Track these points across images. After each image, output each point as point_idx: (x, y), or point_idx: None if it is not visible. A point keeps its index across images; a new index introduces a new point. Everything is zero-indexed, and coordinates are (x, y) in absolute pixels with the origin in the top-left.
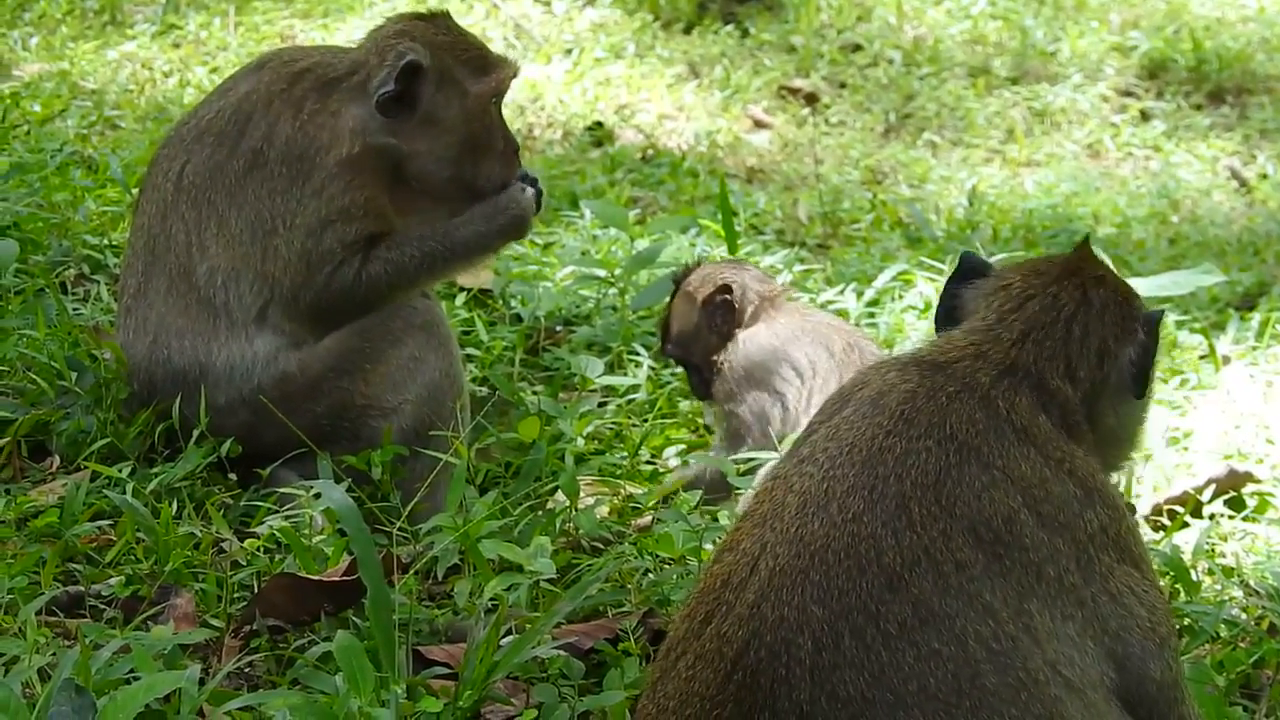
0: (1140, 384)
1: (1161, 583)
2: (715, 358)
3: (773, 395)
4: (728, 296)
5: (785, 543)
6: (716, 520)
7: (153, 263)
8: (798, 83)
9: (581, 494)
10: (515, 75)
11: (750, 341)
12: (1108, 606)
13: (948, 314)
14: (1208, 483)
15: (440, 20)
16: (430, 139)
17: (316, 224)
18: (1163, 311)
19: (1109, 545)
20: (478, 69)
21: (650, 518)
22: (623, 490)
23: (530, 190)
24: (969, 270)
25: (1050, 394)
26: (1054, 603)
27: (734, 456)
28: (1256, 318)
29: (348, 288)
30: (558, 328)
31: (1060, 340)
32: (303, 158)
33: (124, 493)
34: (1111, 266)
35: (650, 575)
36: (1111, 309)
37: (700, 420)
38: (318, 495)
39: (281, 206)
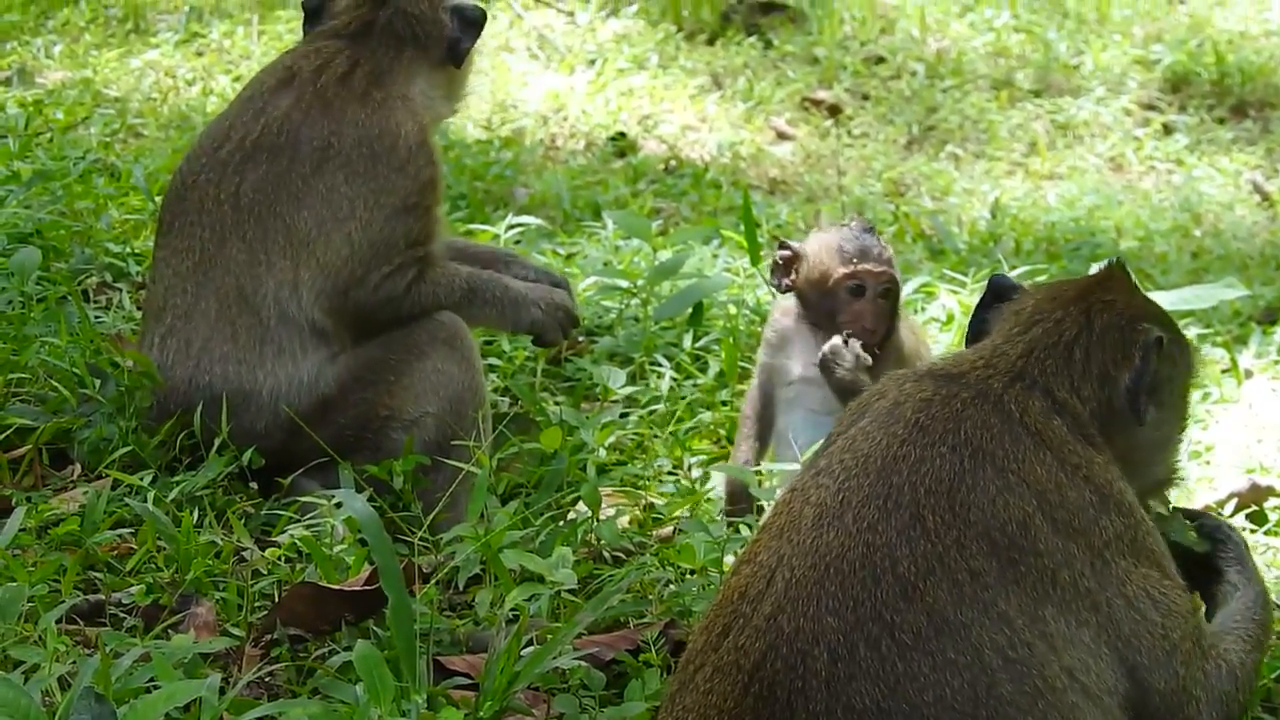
0: (1136, 408)
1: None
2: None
3: None
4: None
5: (801, 555)
6: (738, 531)
7: (203, 284)
8: (821, 94)
9: (603, 504)
10: None
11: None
12: (1122, 611)
13: (976, 338)
14: (1229, 497)
15: None
16: (467, 71)
17: (402, 203)
18: (1160, 337)
19: (1125, 550)
20: None
21: (672, 528)
22: (644, 500)
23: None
24: (998, 292)
25: (1060, 404)
26: (1069, 608)
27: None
28: (1279, 332)
29: (396, 297)
30: (580, 338)
31: (1063, 362)
32: (383, 135)
33: (145, 501)
34: (1137, 286)
35: (672, 586)
36: (1112, 334)
37: (722, 431)
38: (339, 504)
39: (362, 188)
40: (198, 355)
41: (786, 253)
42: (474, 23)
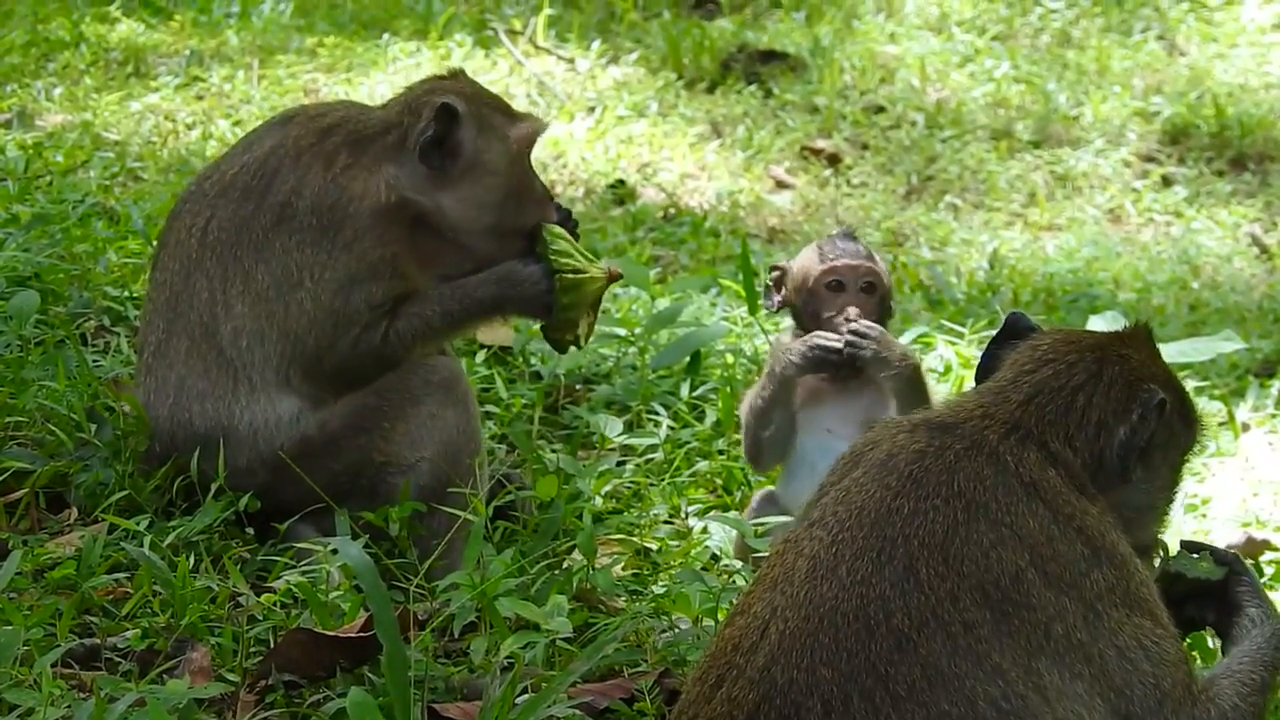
0: (1124, 465)
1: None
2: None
3: None
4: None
5: (795, 606)
6: (733, 581)
7: (174, 320)
8: (820, 143)
9: (599, 553)
10: (545, 129)
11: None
12: (1114, 662)
13: (986, 373)
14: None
15: (461, 76)
16: (474, 184)
17: (346, 279)
18: (1163, 400)
19: (1118, 601)
20: (510, 116)
21: (667, 579)
22: (640, 546)
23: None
24: (1014, 331)
25: (1053, 455)
26: (1062, 660)
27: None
28: (1276, 385)
29: (375, 349)
30: (577, 386)
31: (1063, 408)
32: (335, 207)
33: (141, 546)
34: (1159, 351)
35: (667, 635)
36: (1118, 387)
37: (718, 480)
38: (335, 551)
39: (310, 259)
40: (174, 392)
41: (776, 272)
42: (429, 116)
